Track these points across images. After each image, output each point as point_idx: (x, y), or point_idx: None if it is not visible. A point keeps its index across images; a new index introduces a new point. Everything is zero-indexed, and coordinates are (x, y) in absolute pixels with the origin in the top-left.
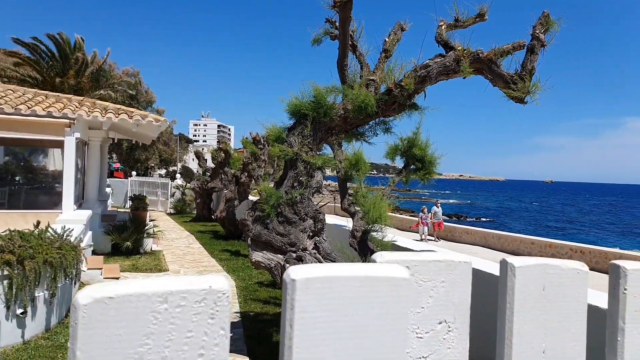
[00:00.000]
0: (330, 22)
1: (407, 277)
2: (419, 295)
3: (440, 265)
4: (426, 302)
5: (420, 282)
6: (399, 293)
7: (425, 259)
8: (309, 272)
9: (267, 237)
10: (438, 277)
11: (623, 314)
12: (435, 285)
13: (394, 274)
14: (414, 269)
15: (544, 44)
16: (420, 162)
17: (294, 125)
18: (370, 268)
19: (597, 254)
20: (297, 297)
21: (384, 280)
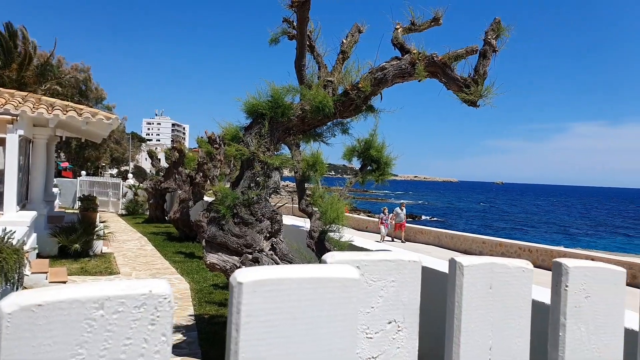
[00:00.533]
0: (287, 22)
1: (357, 277)
2: (369, 295)
3: (390, 265)
4: (376, 302)
5: (370, 282)
6: (349, 294)
7: (375, 259)
8: (257, 274)
9: (222, 239)
10: (388, 277)
11: (564, 310)
12: (385, 285)
13: (344, 274)
14: (364, 268)
15: (496, 49)
16: (376, 163)
17: (251, 124)
18: (320, 269)
19: (542, 252)
20: (244, 301)
21: (334, 281)
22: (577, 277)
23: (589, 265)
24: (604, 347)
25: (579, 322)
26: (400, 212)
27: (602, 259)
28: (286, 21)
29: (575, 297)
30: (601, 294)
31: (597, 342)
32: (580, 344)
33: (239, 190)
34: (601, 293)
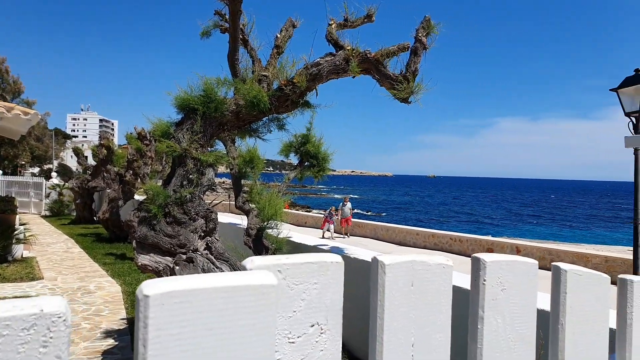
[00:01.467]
0: (219, 15)
1: (275, 283)
2: (291, 299)
3: (312, 267)
4: (298, 305)
5: (292, 286)
6: (267, 301)
7: (297, 262)
8: (165, 286)
9: (154, 239)
10: (310, 279)
11: (482, 303)
12: (308, 288)
13: (261, 281)
14: (285, 272)
15: (426, 46)
16: (314, 158)
17: (183, 120)
18: (235, 277)
19: (472, 242)
20: (151, 315)
21: (250, 288)
22: (494, 270)
23: (504, 259)
24: (518, 337)
25: (496, 314)
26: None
27: (526, 247)
28: (218, 14)
29: (493, 290)
30: (516, 286)
31: (512, 332)
32: (497, 335)
33: (171, 188)
34: (516, 285)
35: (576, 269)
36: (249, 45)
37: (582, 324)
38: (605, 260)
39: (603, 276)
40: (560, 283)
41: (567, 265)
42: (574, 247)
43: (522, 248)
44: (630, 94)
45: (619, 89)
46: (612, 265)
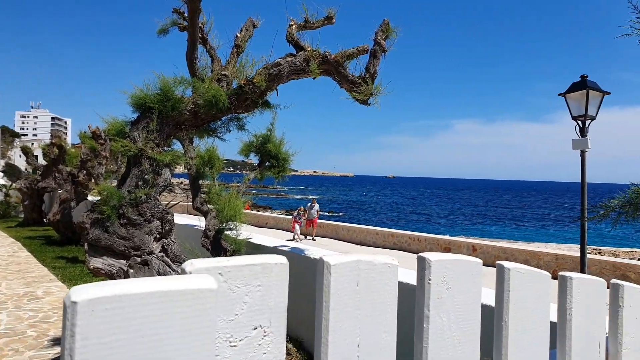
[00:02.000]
0: (178, 13)
1: (214, 287)
2: (232, 302)
3: (255, 269)
4: (240, 308)
5: (234, 289)
6: (205, 305)
7: (240, 264)
8: (94, 291)
9: (107, 242)
10: (253, 282)
11: (428, 303)
12: (251, 290)
13: (199, 285)
14: (227, 275)
15: (385, 49)
16: (274, 159)
17: (138, 119)
18: (171, 281)
19: (430, 241)
20: (79, 323)
21: (187, 293)
22: (438, 270)
23: (449, 258)
24: (462, 335)
25: (441, 312)
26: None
27: (482, 246)
28: (176, 12)
29: (437, 289)
30: (460, 284)
31: (457, 330)
32: (442, 333)
33: (126, 189)
34: (461, 284)
35: (519, 267)
36: (208, 44)
37: (525, 321)
38: (556, 258)
39: (544, 274)
40: (504, 281)
41: (510, 263)
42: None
43: (478, 247)
44: (576, 99)
45: (566, 93)
46: (562, 262)
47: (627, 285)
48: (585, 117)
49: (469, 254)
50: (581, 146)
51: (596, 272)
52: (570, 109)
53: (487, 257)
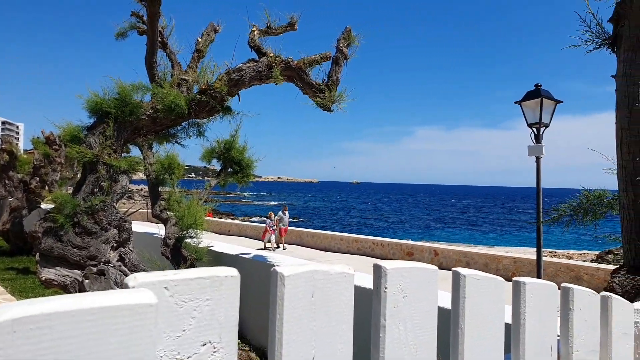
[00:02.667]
0: (137, 16)
1: (153, 302)
2: (179, 317)
3: (204, 282)
4: (188, 324)
5: (181, 303)
6: (144, 322)
7: (187, 277)
8: (18, 311)
9: (60, 251)
10: (202, 296)
11: (384, 312)
12: (199, 305)
13: (137, 300)
14: (173, 289)
15: (347, 56)
16: (237, 165)
17: (95, 124)
18: (107, 297)
19: (393, 246)
20: (0, 345)
21: (124, 309)
22: (395, 278)
23: (405, 265)
24: (419, 344)
25: (398, 321)
26: (284, 216)
27: (444, 250)
28: (135, 15)
29: (394, 298)
30: (417, 292)
31: (414, 339)
32: (399, 342)
33: (81, 196)
34: (417, 292)
35: (474, 273)
36: (169, 48)
37: (480, 327)
38: (514, 261)
39: (498, 279)
40: (460, 288)
41: (465, 270)
42: (486, 250)
43: (440, 251)
44: (531, 107)
45: (521, 102)
46: (520, 265)
47: (576, 289)
48: (540, 125)
49: (431, 258)
50: (536, 152)
51: (552, 274)
52: (525, 116)
53: (448, 261)
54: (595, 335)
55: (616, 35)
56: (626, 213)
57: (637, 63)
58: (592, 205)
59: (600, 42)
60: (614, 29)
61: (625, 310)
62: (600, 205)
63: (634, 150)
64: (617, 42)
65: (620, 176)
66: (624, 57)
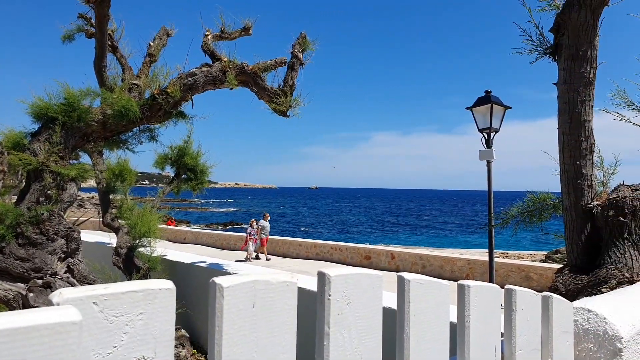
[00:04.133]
0: (84, 18)
1: (77, 319)
2: (110, 333)
3: (136, 296)
4: (119, 339)
5: (112, 319)
6: (66, 341)
7: (117, 291)
8: None
9: (2, 264)
10: (134, 310)
11: (328, 319)
12: (132, 319)
13: (57, 318)
14: (103, 304)
15: (302, 62)
16: (192, 171)
17: (40, 130)
18: (26, 316)
19: (352, 250)
20: None
21: (43, 328)
22: (339, 285)
23: (349, 272)
24: (365, 350)
25: (342, 329)
26: (266, 225)
27: (400, 253)
28: (82, 17)
29: (338, 305)
30: (362, 299)
31: (360, 345)
32: (344, 350)
33: (25, 205)
34: (362, 298)
35: (418, 278)
36: (119, 52)
37: (426, 331)
38: (468, 263)
39: (443, 283)
40: (405, 292)
41: (410, 275)
42: (441, 252)
43: (397, 254)
44: (482, 112)
45: (473, 107)
46: (474, 266)
47: (518, 290)
48: (490, 130)
49: (387, 261)
50: (487, 157)
51: (504, 274)
52: (476, 121)
53: (404, 264)
54: (537, 335)
55: (557, 44)
56: (569, 214)
57: (577, 71)
58: (538, 208)
59: (542, 51)
60: (554, 38)
61: (565, 309)
62: (546, 207)
63: (575, 154)
64: (558, 51)
65: (562, 179)
66: (564, 66)
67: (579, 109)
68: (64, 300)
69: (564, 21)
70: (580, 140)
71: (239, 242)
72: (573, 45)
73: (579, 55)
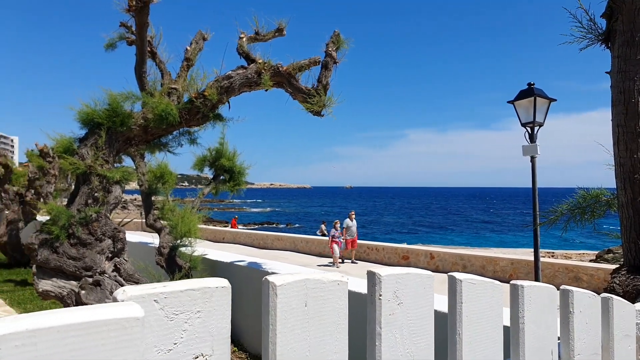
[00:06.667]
0: (125, 27)
1: (140, 315)
2: (170, 331)
3: (194, 294)
4: (179, 337)
5: (172, 316)
6: (132, 336)
7: (176, 289)
8: (2, 327)
9: (56, 263)
10: (193, 308)
11: (380, 319)
12: (190, 317)
13: (124, 314)
14: (163, 302)
15: (336, 60)
16: (229, 172)
17: (86, 135)
18: (93, 312)
19: (389, 250)
20: None
21: (110, 323)
22: (389, 285)
23: (399, 272)
24: (417, 350)
25: (394, 329)
26: (351, 225)
27: (440, 253)
28: (124, 26)
29: (389, 305)
30: (413, 299)
31: (411, 345)
32: (395, 350)
33: (75, 207)
34: (413, 298)
35: (470, 278)
36: (158, 57)
37: (479, 331)
38: (512, 263)
39: (496, 283)
40: (456, 293)
41: (461, 275)
42: (483, 252)
43: (436, 254)
44: (525, 106)
45: (515, 101)
46: (517, 267)
47: (576, 291)
48: (534, 124)
49: (426, 261)
50: (531, 152)
51: (550, 275)
52: (519, 116)
53: (444, 264)
54: (596, 338)
55: (610, 30)
56: (625, 212)
57: (632, 59)
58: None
59: (594, 38)
60: (607, 24)
61: (627, 312)
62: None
63: (631, 147)
64: (611, 37)
65: (617, 174)
66: (618, 53)
67: (635, 98)
68: (127, 297)
69: (617, 6)
70: (637, 132)
71: (275, 242)
72: (628, 31)
73: (634, 42)
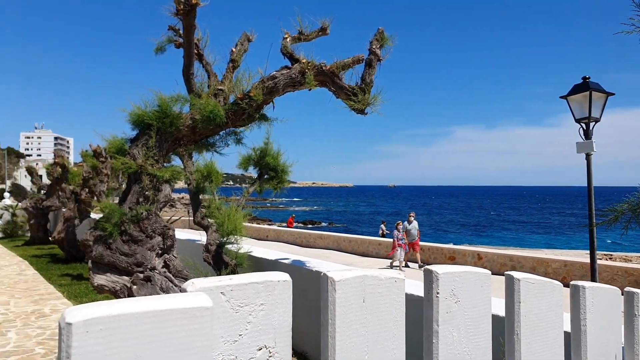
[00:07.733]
0: (173, 30)
1: (208, 305)
2: (236, 322)
3: (258, 288)
4: (244, 328)
5: (237, 308)
6: (201, 325)
7: (241, 282)
8: (89, 312)
9: (110, 258)
10: (256, 300)
11: (437, 317)
12: (254, 310)
13: (194, 304)
14: (229, 294)
15: (380, 58)
16: (273, 171)
17: (137, 136)
18: (165, 301)
19: (435, 250)
20: (75, 344)
21: (181, 312)
22: (446, 283)
23: (457, 270)
24: (474, 349)
25: (451, 327)
26: (410, 227)
27: (487, 254)
28: (172, 29)
29: (446, 303)
30: (470, 297)
31: (468, 344)
32: (453, 348)
33: (127, 205)
34: (470, 296)
35: (528, 277)
36: (204, 59)
37: (538, 332)
38: (565, 265)
39: (555, 283)
40: (514, 292)
41: (519, 274)
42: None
43: (484, 255)
44: (579, 101)
45: (568, 96)
46: (571, 269)
47: None
48: (589, 120)
49: (474, 262)
50: (586, 149)
51: (608, 278)
52: (572, 111)
53: (493, 265)
54: None
55: None
56: None
57: None
58: None
59: None
60: None
61: None
62: None
63: None
64: None
65: None
66: None
67: None
68: (196, 288)
69: None
70: None
71: (318, 240)
72: None
73: None
